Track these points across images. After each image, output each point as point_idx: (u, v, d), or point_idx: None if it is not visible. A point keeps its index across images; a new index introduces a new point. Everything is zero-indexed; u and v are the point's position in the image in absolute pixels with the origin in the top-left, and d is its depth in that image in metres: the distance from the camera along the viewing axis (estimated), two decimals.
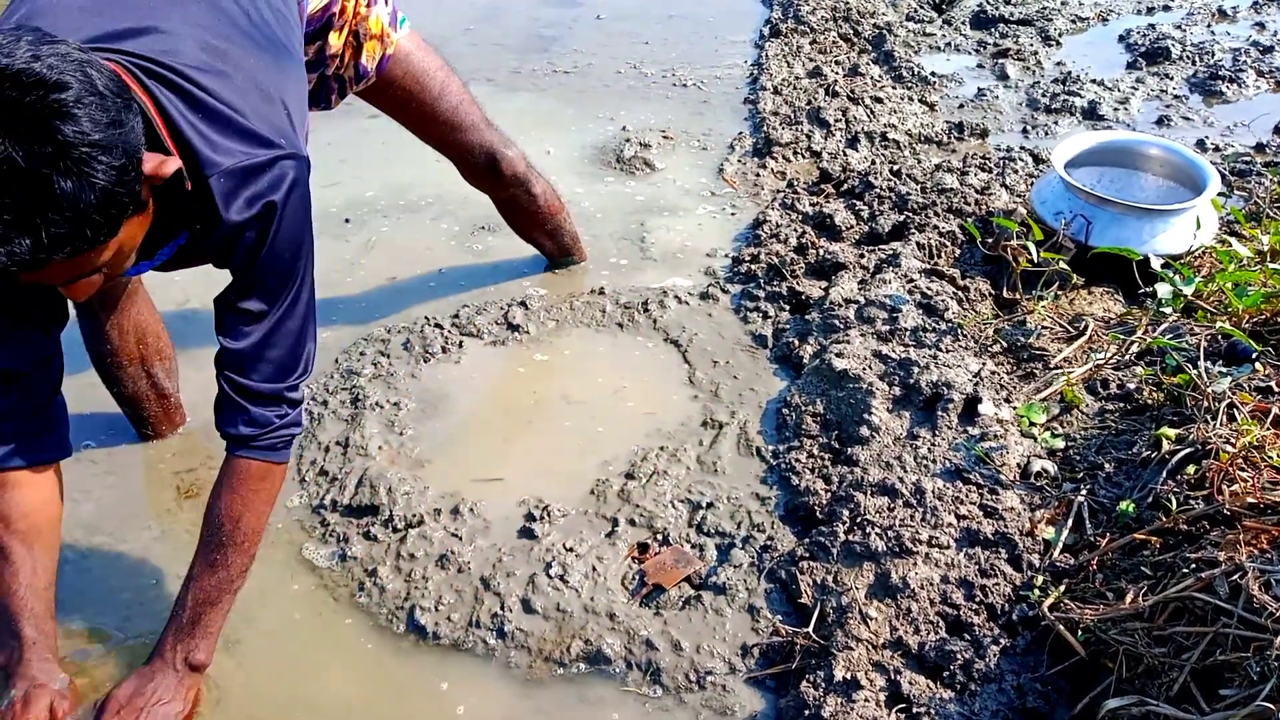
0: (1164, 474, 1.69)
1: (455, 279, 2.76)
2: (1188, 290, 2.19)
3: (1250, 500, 1.48)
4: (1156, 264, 2.35)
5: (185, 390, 2.25)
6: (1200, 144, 3.35)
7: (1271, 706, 1.19)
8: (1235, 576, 1.36)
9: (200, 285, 2.17)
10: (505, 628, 1.75)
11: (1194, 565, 1.44)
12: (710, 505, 1.99)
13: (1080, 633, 1.50)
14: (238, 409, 1.58)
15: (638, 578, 1.85)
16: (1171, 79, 3.89)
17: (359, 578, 1.87)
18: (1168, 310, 2.21)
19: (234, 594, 1.64)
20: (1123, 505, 1.69)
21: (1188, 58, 4.05)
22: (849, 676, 1.57)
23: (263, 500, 1.64)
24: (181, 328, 2.36)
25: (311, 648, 1.76)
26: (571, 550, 1.89)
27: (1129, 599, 1.47)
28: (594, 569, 1.86)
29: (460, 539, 1.94)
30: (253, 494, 1.62)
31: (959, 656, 1.57)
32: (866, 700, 1.53)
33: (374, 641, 1.76)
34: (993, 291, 2.55)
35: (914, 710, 1.51)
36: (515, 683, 1.68)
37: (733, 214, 3.06)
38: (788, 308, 2.58)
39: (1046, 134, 3.53)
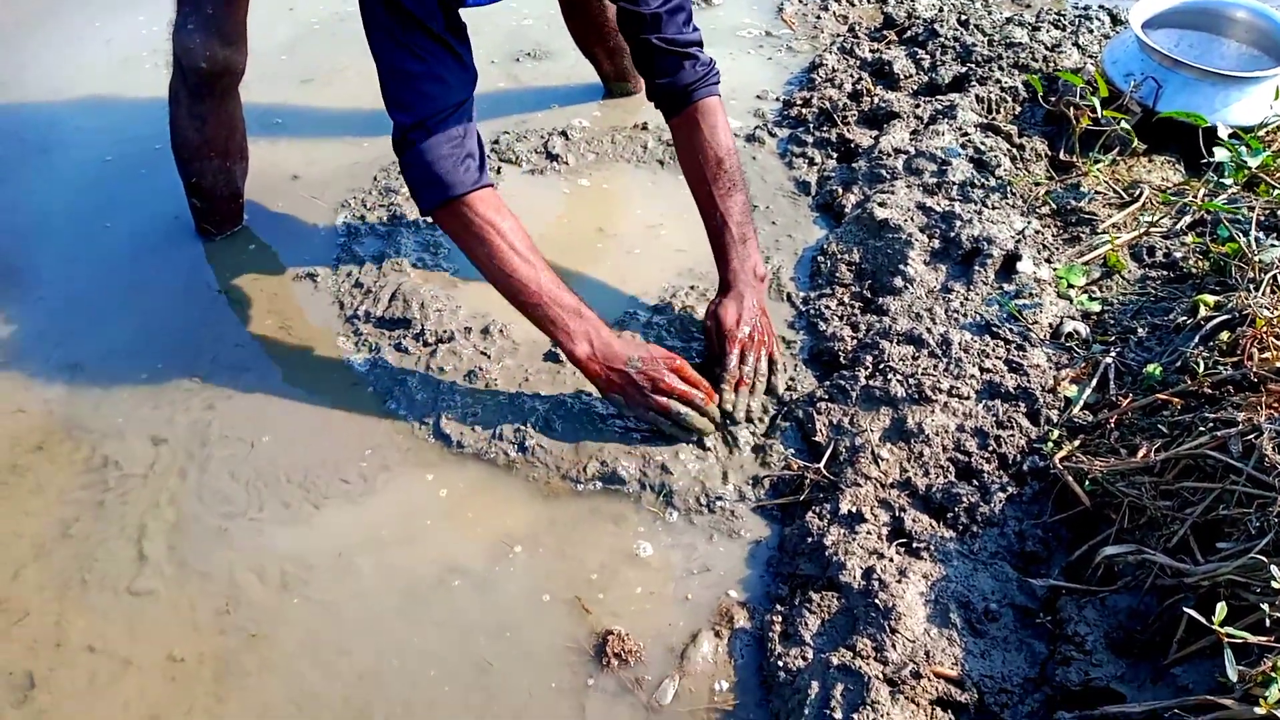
0: (1197, 339, 1.67)
1: (496, 103, 2.72)
2: (1253, 162, 2.09)
3: (1279, 366, 1.46)
4: (1224, 134, 2.24)
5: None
6: None
7: (1263, 559, 1.21)
8: (1250, 436, 1.35)
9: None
10: (526, 443, 1.81)
11: (1211, 425, 1.44)
12: None
13: (1088, 484, 1.52)
14: (682, 60, 1.87)
15: None
16: None
17: (388, 386, 1.93)
18: (1229, 182, 2.12)
19: (751, 211, 1.99)
20: (1150, 368, 1.67)
21: None
22: (854, 510, 1.61)
23: (729, 129, 1.96)
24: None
25: (341, 441, 1.83)
26: None
27: (1141, 453, 1.48)
28: None
29: (489, 357, 1.98)
30: (726, 127, 1.94)
31: (964, 500, 1.60)
32: (869, 533, 1.58)
33: (400, 442, 1.83)
34: (1049, 153, 2.46)
35: (914, 545, 1.55)
36: (537, 496, 1.74)
37: (788, 56, 2.96)
38: (835, 155, 2.52)
39: None
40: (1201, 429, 1.44)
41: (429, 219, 2.30)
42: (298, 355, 2.01)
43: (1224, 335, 1.64)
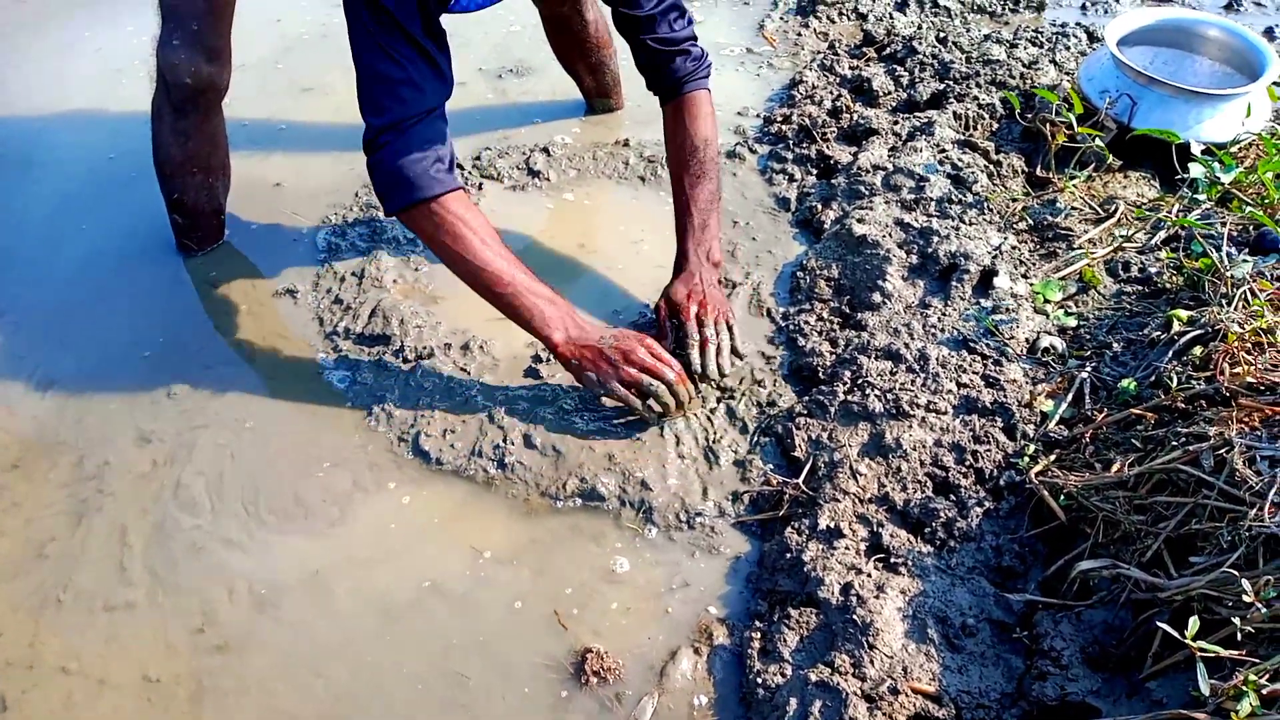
0: (1170, 353, 1.68)
1: (478, 120, 2.73)
2: (1226, 178, 2.12)
3: (1250, 380, 1.48)
4: (1198, 150, 2.27)
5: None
6: (1269, 33, 3.18)
7: (1235, 573, 1.22)
8: (1222, 451, 1.37)
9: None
10: (506, 459, 1.80)
11: (1184, 439, 1.45)
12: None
13: (1063, 498, 1.53)
14: (674, 56, 1.98)
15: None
16: None
17: (367, 403, 1.92)
18: (1202, 198, 2.15)
19: (720, 201, 2.06)
20: (1124, 383, 1.69)
21: None
22: (833, 525, 1.62)
23: (715, 123, 2.06)
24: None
25: (319, 458, 1.83)
26: (575, 390, 1.93)
27: (1115, 468, 1.49)
28: (595, 412, 1.89)
29: (469, 374, 1.98)
30: (709, 118, 2.03)
31: (942, 514, 1.61)
32: (847, 548, 1.58)
33: (379, 459, 1.83)
34: (1026, 169, 2.48)
35: (892, 560, 1.55)
36: (516, 513, 1.74)
37: (769, 73, 2.98)
38: (815, 171, 2.54)
39: (1106, 12, 3.37)
40: (1174, 443, 1.46)
41: (411, 234, 2.31)
42: (277, 372, 2.00)
43: (1197, 350, 1.66)
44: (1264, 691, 1.13)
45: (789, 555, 1.60)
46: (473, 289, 1.80)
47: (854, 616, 1.45)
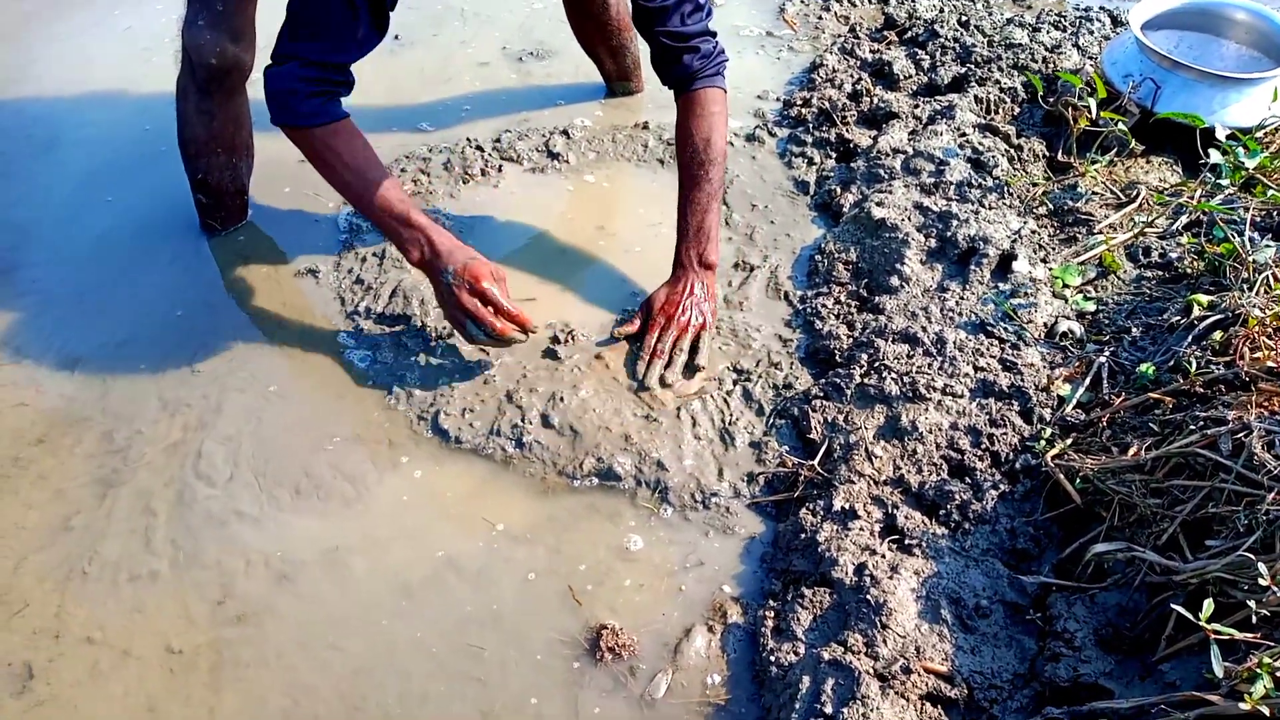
0: (1189, 338, 1.67)
1: (499, 102, 2.73)
2: (1250, 163, 2.10)
3: (1270, 365, 1.47)
4: (1222, 135, 2.25)
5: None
6: None
7: (1251, 556, 1.22)
8: (1240, 435, 1.36)
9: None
10: (524, 439, 1.82)
11: (1202, 423, 1.44)
12: (731, 341, 2.01)
13: (1079, 481, 1.52)
14: (683, 53, 1.96)
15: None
16: None
17: (387, 382, 1.94)
18: (1225, 183, 2.13)
19: (720, 201, 2.05)
20: (1143, 367, 1.68)
21: None
22: (847, 507, 1.62)
23: (722, 122, 2.02)
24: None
25: (340, 436, 1.85)
26: (592, 372, 1.94)
27: (1132, 451, 1.49)
28: (612, 392, 1.90)
29: (488, 354, 1.99)
30: (715, 117, 2.00)
31: (957, 497, 1.61)
32: (861, 529, 1.59)
33: (399, 438, 1.85)
34: (1047, 154, 2.47)
35: (906, 542, 1.56)
36: (534, 492, 1.76)
37: (789, 56, 2.97)
38: (834, 155, 2.53)
39: None
40: (1192, 427, 1.45)
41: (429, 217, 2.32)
42: (298, 350, 2.02)
43: (1217, 335, 1.65)
44: (1278, 674, 1.13)
45: (803, 536, 1.61)
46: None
47: (867, 596, 1.46)
